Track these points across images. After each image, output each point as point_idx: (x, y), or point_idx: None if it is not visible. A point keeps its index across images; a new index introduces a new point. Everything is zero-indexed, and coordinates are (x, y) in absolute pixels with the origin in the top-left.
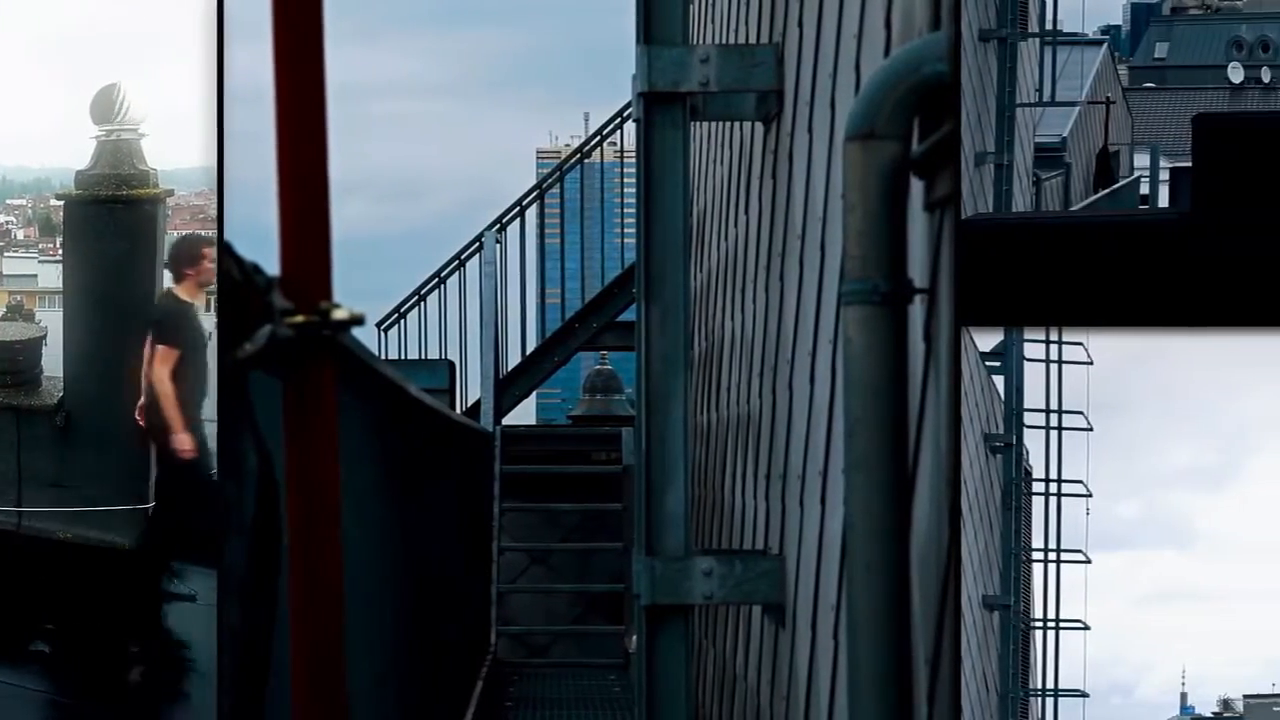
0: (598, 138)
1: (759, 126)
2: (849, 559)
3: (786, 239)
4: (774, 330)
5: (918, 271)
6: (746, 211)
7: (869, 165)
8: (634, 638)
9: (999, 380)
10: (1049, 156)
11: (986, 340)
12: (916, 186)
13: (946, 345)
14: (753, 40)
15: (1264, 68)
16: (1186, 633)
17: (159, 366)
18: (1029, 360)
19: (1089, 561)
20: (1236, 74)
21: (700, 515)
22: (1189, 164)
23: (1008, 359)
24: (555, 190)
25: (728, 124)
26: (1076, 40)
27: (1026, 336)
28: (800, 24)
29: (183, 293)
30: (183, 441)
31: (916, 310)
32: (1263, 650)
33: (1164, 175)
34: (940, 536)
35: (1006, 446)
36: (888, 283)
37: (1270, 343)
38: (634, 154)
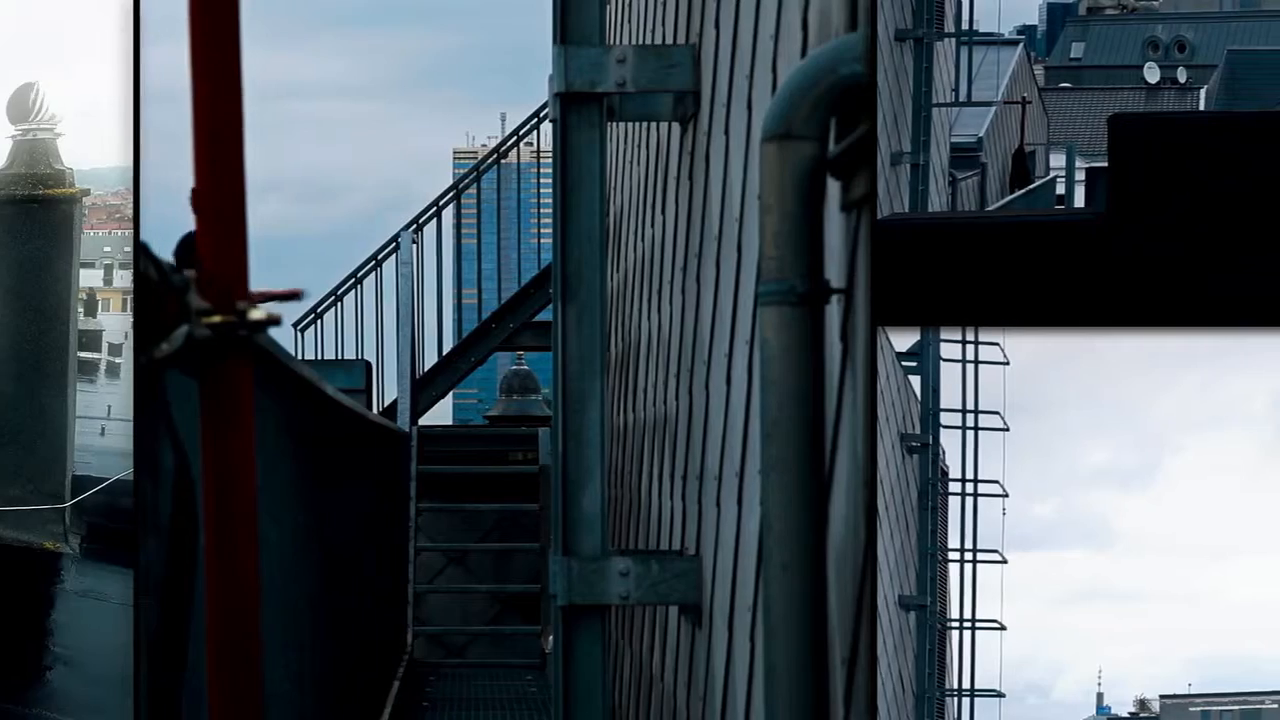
0: (514, 138)
1: (676, 127)
2: (765, 559)
3: (703, 240)
4: (691, 331)
5: (834, 272)
6: (663, 212)
7: (786, 166)
8: (550, 638)
9: (915, 380)
10: (965, 156)
11: (903, 340)
12: (833, 187)
13: (863, 346)
14: (669, 41)
15: (1179, 68)
16: (1103, 633)
17: None
18: (945, 360)
19: (1005, 561)
20: (1152, 74)
21: (617, 516)
22: (1105, 164)
23: (924, 359)
24: (472, 191)
25: (644, 124)
26: (992, 40)
27: (943, 337)
28: (717, 25)
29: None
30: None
31: (833, 311)
32: (1179, 650)
33: (1080, 175)
34: (856, 537)
35: (923, 447)
36: (804, 283)
37: (1188, 344)
38: (550, 154)
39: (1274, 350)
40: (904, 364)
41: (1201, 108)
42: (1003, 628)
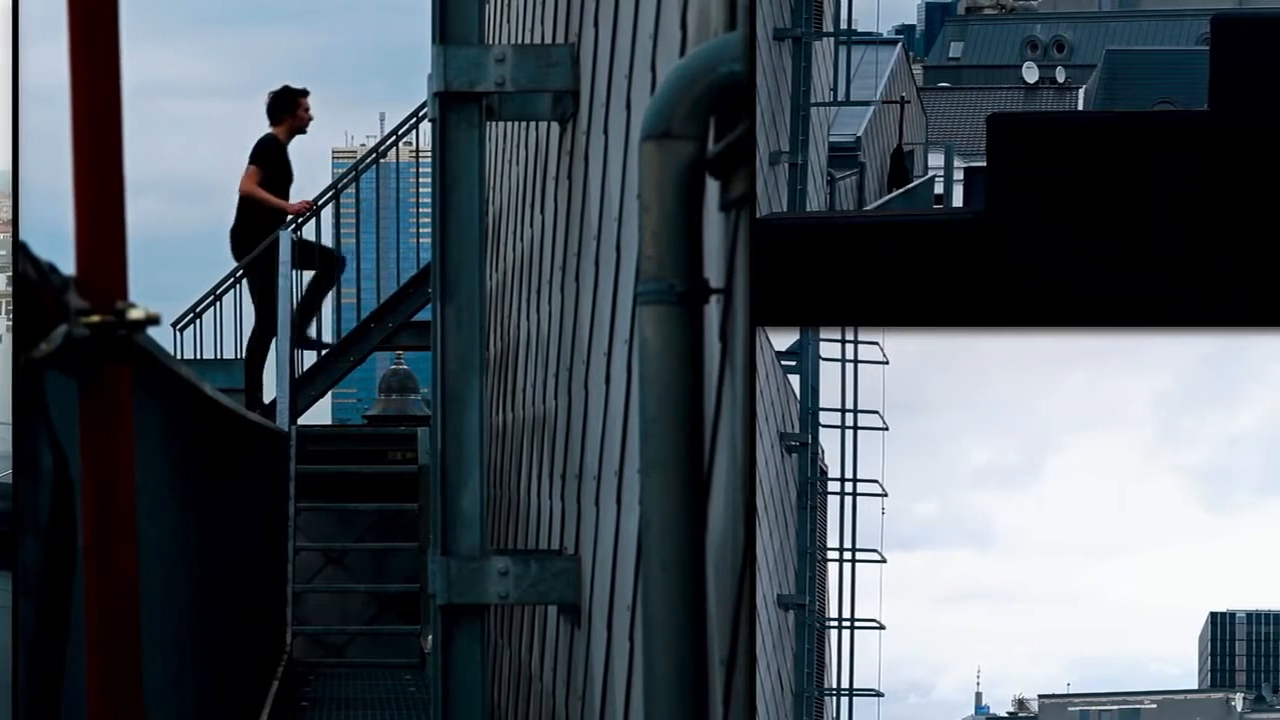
0: (393, 138)
1: (555, 126)
2: (644, 559)
3: (582, 239)
4: (570, 330)
5: (713, 271)
6: (542, 212)
7: (665, 165)
8: (429, 638)
9: (794, 380)
10: (843, 156)
11: (782, 340)
12: (712, 186)
13: (742, 345)
14: (549, 40)
15: (1058, 67)
16: (983, 632)
17: (246, 180)
18: (824, 360)
19: (884, 561)
20: (1031, 74)
21: (496, 515)
22: (983, 164)
23: (803, 358)
24: (351, 190)
25: (524, 124)
26: (871, 40)
27: (822, 336)
28: (596, 24)
29: (280, 134)
30: (296, 206)
31: (712, 310)
32: (1059, 650)
33: (958, 175)
34: (735, 536)
35: (802, 446)
36: (683, 283)
37: (1069, 343)
38: (430, 154)
39: (1155, 350)
40: (783, 363)
41: (1080, 107)
42: (881, 627)
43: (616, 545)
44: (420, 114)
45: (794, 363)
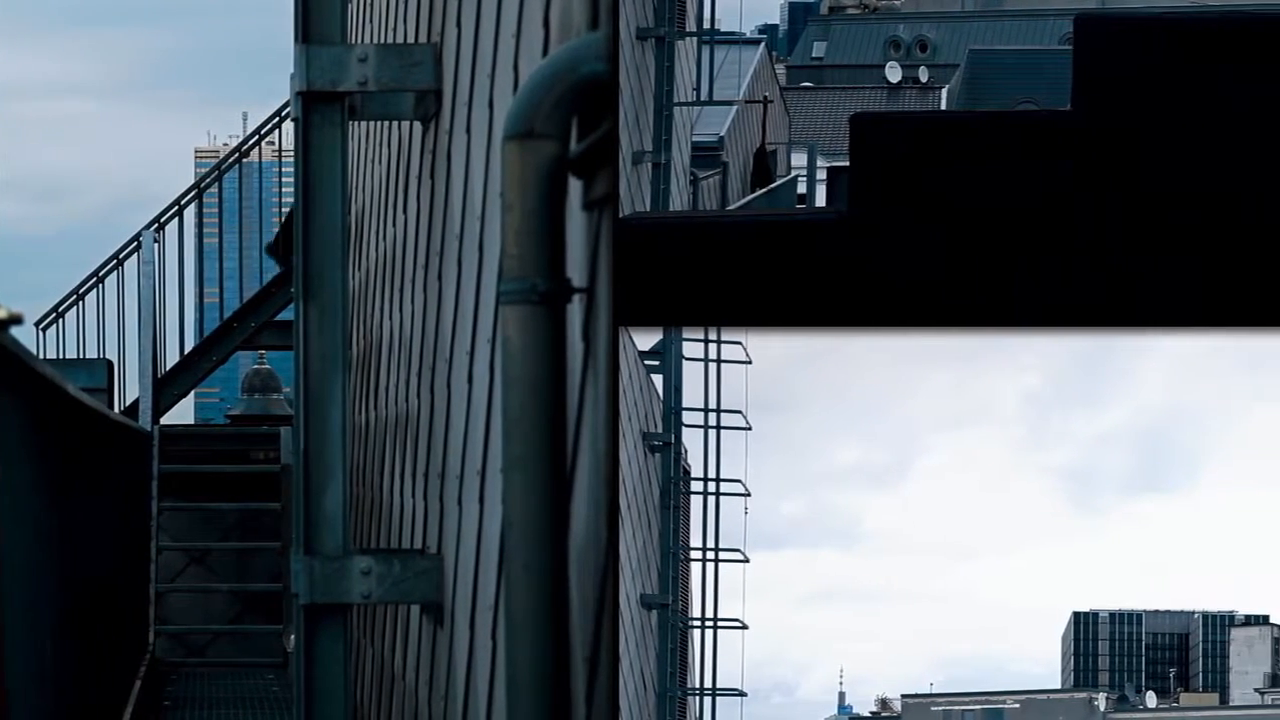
0: (256, 137)
1: (418, 126)
2: (507, 558)
3: (445, 238)
4: (432, 329)
5: (576, 271)
6: (405, 211)
7: (527, 164)
8: (292, 637)
9: (657, 379)
10: (706, 155)
11: (645, 340)
12: (575, 186)
13: (605, 345)
14: (412, 40)
15: (921, 67)
16: (848, 632)
17: None
18: (687, 359)
19: (747, 560)
20: (894, 73)
21: (359, 515)
22: (846, 163)
23: (666, 358)
24: (214, 190)
25: (386, 123)
26: (734, 39)
27: (685, 336)
28: (459, 24)
29: None
30: None
31: (575, 309)
32: (923, 649)
33: (821, 174)
34: (598, 536)
35: (665, 445)
36: (546, 282)
37: (937, 343)
38: (292, 153)
39: (1023, 350)
40: (646, 363)
41: (943, 107)
42: (745, 626)
43: (479, 544)
44: (283, 113)
45: (657, 362)
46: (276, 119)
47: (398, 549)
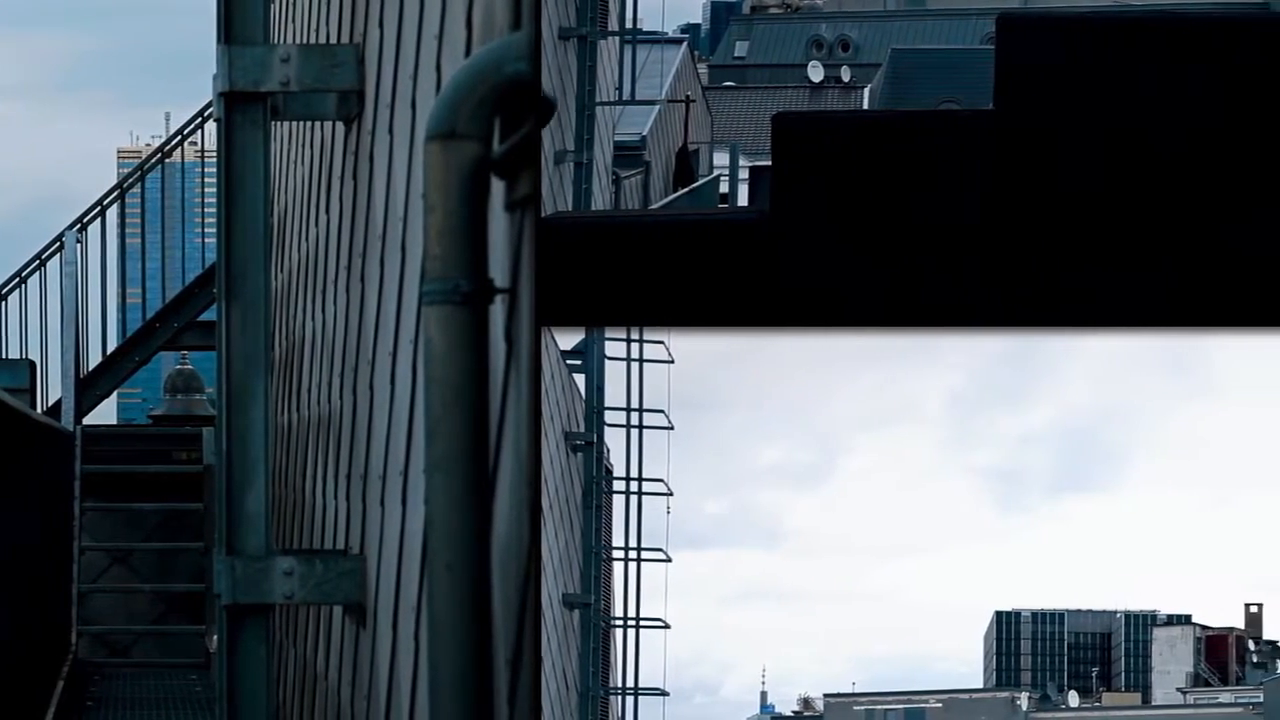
0: (179, 138)
1: (340, 126)
2: (429, 559)
3: (367, 239)
4: (355, 330)
5: (498, 271)
6: (327, 211)
7: (450, 165)
8: (215, 637)
9: (580, 379)
10: (628, 155)
11: (567, 339)
12: (497, 186)
13: (527, 345)
14: (334, 40)
15: (843, 67)
16: (771, 631)
17: None
18: (609, 359)
19: (669, 560)
20: (816, 73)
21: (282, 515)
22: (768, 163)
23: (588, 357)
24: (136, 190)
25: (309, 123)
26: (657, 39)
27: (607, 335)
28: (381, 24)
29: None
30: None
31: (497, 310)
32: (846, 649)
33: (743, 174)
34: (521, 537)
35: (587, 445)
36: (469, 282)
37: (862, 343)
38: (215, 154)
39: (948, 350)
40: (568, 362)
41: (865, 106)
42: (667, 626)
43: (402, 545)
44: (206, 114)
45: (579, 362)
46: (199, 119)
47: (320, 549)
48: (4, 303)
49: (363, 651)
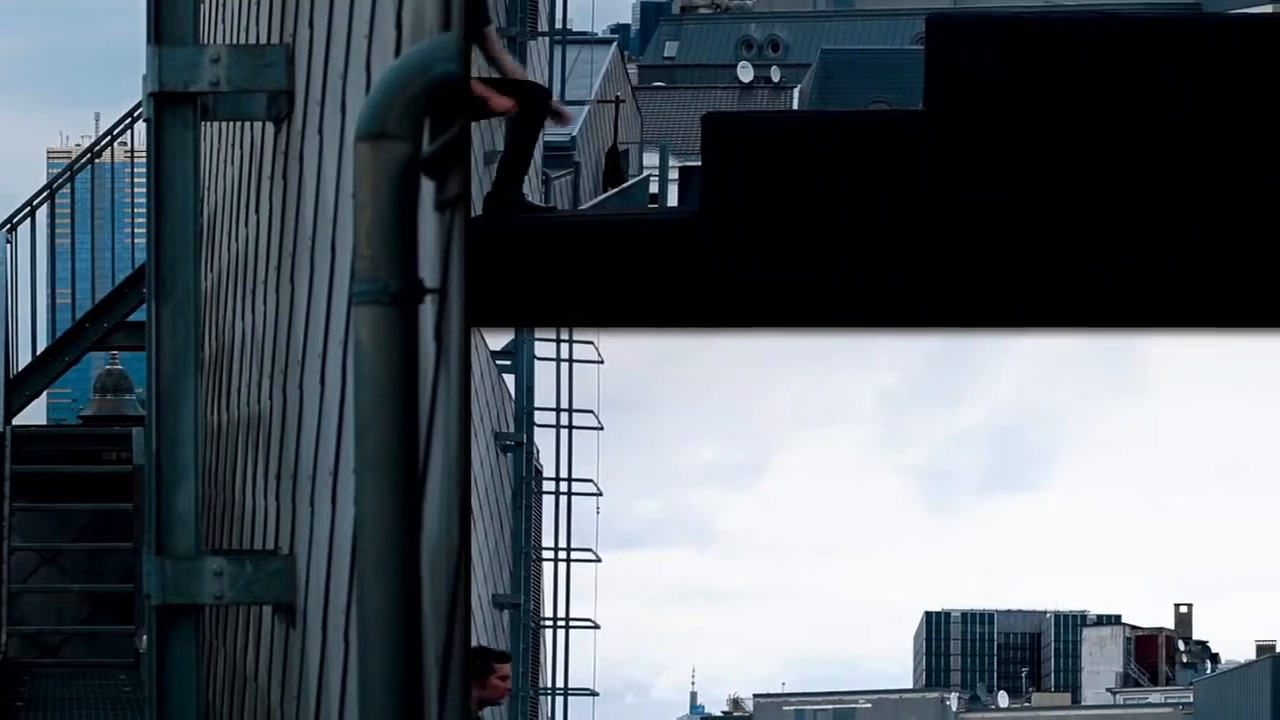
0: (109, 138)
1: (270, 127)
2: (359, 559)
3: (297, 239)
4: (285, 330)
5: (428, 271)
6: (257, 212)
7: (379, 165)
8: (144, 637)
9: (509, 379)
10: (558, 155)
11: (497, 339)
12: (427, 186)
13: (457, 344)
14: (264, 40)
15: (773, 67)
16: (701, 632)
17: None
18: (539, 359)
19: (599, 560)
20: (746, 73)
21: (212, 515)
22: (699, 163)
23: (518, 358)
24: (66, 191)
25: (239, 124)
26: (586, 39)
27: (537, 336)
28: (311, 24)
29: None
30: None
31: (427, 310)
32: (776, 649)
33: (673, 174)
34: (450, 537)
35: (517, 445)
36: (399, 283)
37: (793, 342)
38: (145, 154)
39: (878, 350)
40: (498, 362)
41: (795, 106)
42: (597, 626)
43: (331, 545)
44: (136, 114)
45: (509, 362)
46: (129, 120)
47: (250, 550)
48: None
49: (292, 651)
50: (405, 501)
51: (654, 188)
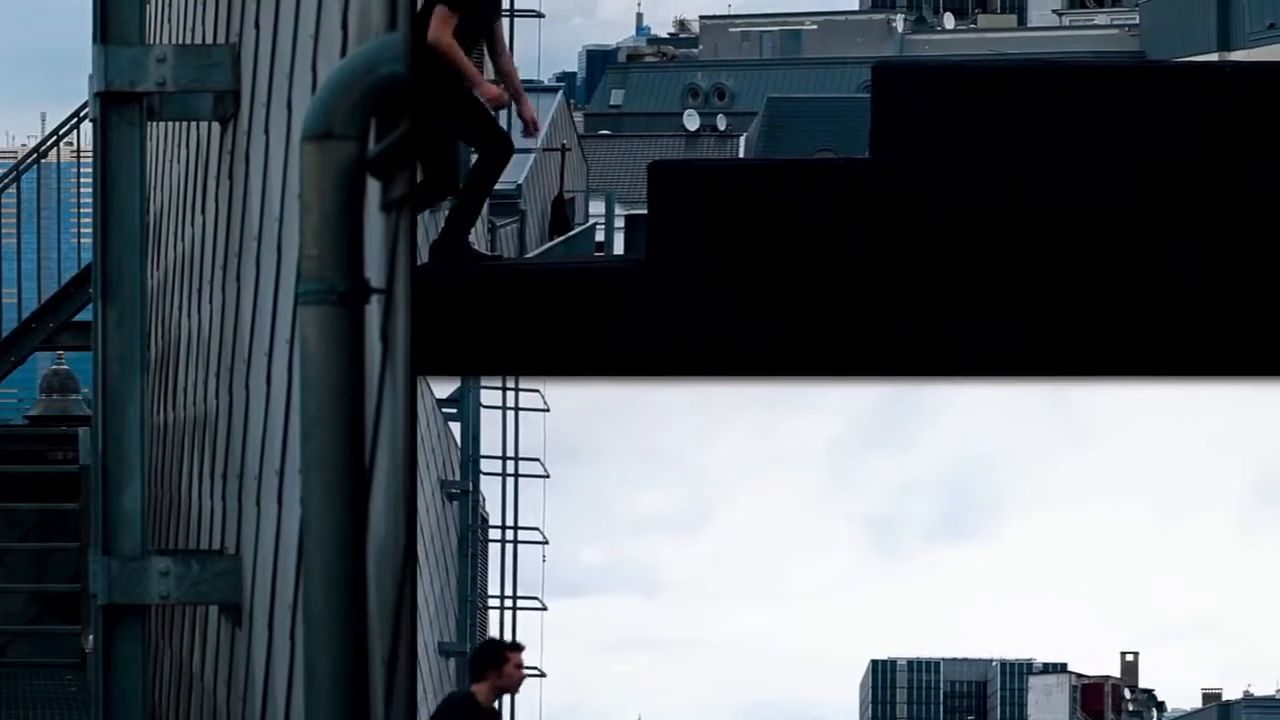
0: (54, 138)
1: (216, 126)
2: (306, 559)
3: (243, 239)
4: (231, 330)
5: (374, 271)
6: (203, 212)
7: (325, 166)
8: (91, 637)
9: (456, 427)
10: (504, 203)
11: (443, 388)
12: (373, 186)
13: (402, 344)
14: (210, 40)
15: (719, 115)
16: (648, 680)
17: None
18: (485, 407)
19: (545, 609)
20: (692, 121)
21: (158, 515)
22: (645, 211)
23: (464, 406)
24: (12, 190)
25: (185, 124)
26: (532, 87)
27: (483, 384)
28: (257, 24)
29: (480, 695)
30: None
31: (373, 310)
32: (723, 697)
33: (619, 222)
34: (396, 537)
35: (463, 493)
36: (344, 283)
37: (740, 390)
38: (91, 154)
39: (826, 398)
40: (444, 410)
41: (741, 155)
42: (543, 675)
43: (278, 545)
44: (82, 114)
45: (455, 410)
46: (75, 120)
47: (196, 550)
48: None
49: (239, 651)
50: (352, 501)
51: (600, 236)
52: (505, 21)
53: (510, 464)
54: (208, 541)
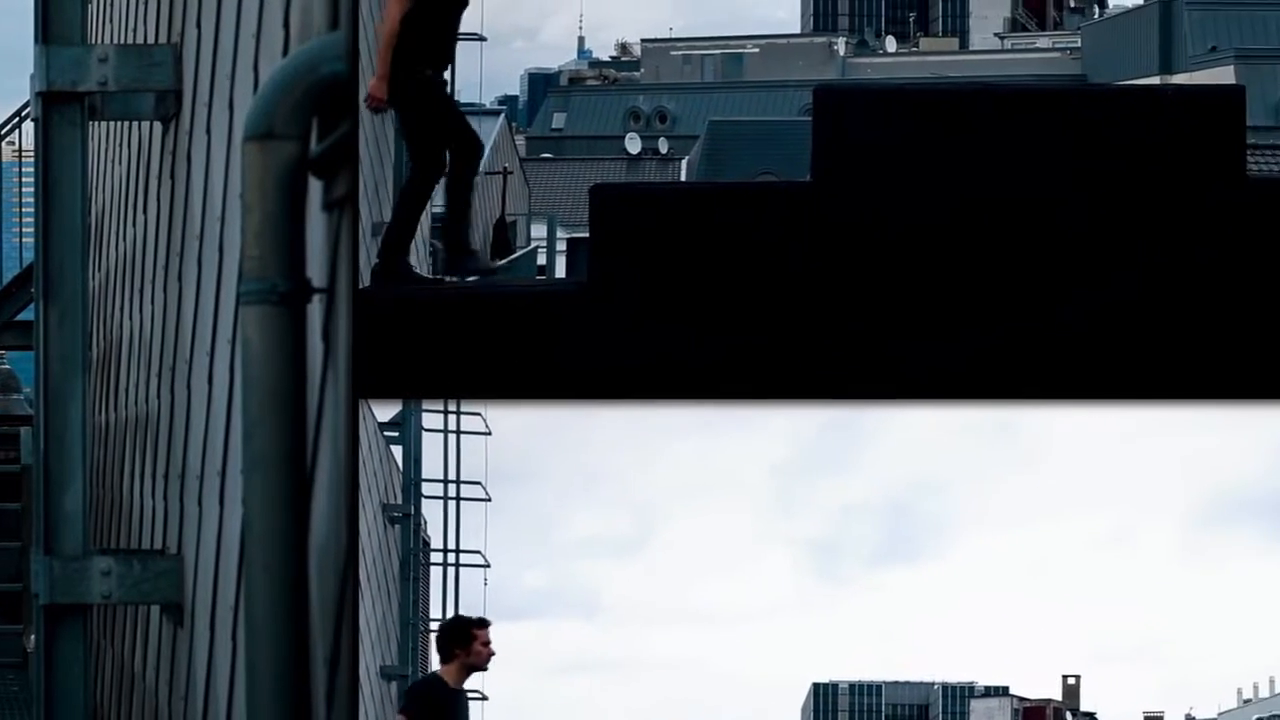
0: None
1: (158, 126)
2: (247, 559)
3: (185, 239)
4: (172, 330)
5: (316, 271)
6: (145, 211)
7: (267, 165)
8: (32, 637)
9: (397, 450)
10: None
11: (384, 411)
12: (315, 186)
13: (344, 344)
14: (152, 40)
15: (661, 138)
16: (591, 703)
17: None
18: (427, 431)
19: None
20: (634, 144)
21: (100, 515)
22: (587, 234)
23: (406, 429)
24: None
25: (127, 123)
26: (474, 110)
27: (424, 407)
28: (199, 24)
29: (448, 676)
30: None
31: (315, 310)
32: (665, 719)
33: (561, 246)
34: (338, 537)
35: (405, 517)
36: (287, 282)
37: (680, 414)
38: (33, 154)
39: (768, 421)
40: (385, 434)
41: (683, 178)
42: (484, 698)
43: (219, 545)
44: (23, 114)
45: (396, 434)
46: (16, 119)
47: (138, 549)
48: None
49: (180, 651)
50: (293, 502)
51: (542, 259)
52: None
53: (452, 487)
54: (149, 541)
